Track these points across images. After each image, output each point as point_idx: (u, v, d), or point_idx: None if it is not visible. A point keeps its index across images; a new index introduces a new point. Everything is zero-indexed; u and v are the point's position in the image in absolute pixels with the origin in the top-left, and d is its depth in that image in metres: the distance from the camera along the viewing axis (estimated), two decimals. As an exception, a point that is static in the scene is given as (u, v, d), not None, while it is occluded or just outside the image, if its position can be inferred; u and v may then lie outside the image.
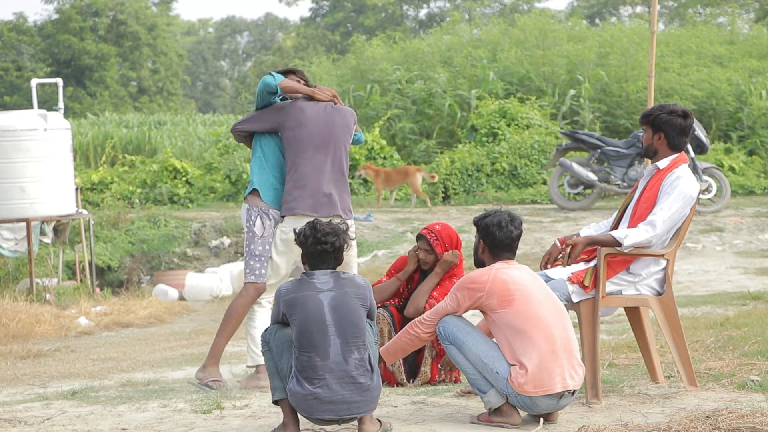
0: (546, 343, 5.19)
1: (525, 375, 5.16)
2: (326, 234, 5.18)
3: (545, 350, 5.18)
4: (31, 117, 13.12)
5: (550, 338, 5.20)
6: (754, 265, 13.19)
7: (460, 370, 5.41)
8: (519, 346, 5.20)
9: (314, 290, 5.12)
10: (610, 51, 22.94)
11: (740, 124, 20.91)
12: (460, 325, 5.37)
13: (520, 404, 5.25)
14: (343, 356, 5.04)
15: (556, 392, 5.19)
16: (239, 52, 63.35)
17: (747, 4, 34.17)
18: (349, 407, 5.05)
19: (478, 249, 5.47)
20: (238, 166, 19.92)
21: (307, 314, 5.07)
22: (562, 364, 5.21)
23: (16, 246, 13.61)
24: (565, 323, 5.30)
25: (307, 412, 5.08)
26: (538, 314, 5.22)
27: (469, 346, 5.31)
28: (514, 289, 5.24)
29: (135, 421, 5.75)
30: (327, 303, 5.09)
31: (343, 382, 5.03)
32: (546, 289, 5.37)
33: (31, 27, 42.28)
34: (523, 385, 5.16)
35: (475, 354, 5.29)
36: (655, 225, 5.75)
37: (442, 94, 22.17)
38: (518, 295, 5.23)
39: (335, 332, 5.05)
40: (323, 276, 5.17)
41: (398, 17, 46.42)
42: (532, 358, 5.17)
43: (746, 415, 4.97)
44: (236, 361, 8.71)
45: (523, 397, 5.21)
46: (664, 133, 5.91)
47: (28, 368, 8.92)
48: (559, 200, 16.75)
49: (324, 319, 5.06)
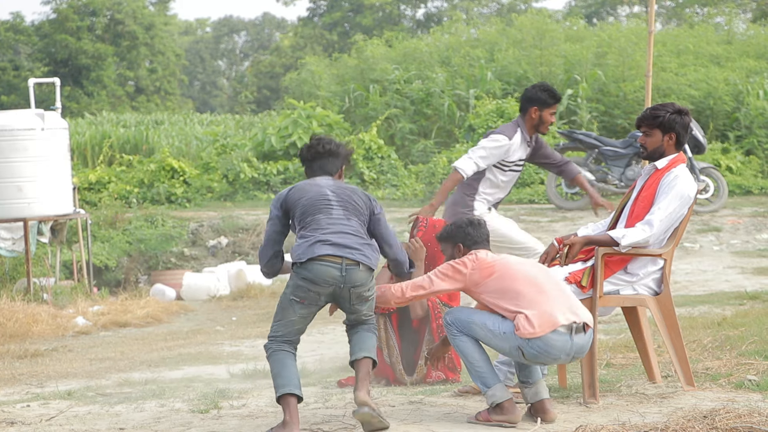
0: (534, 289, 5.31)
1: (527, 319, 5.23)
2: (320, 140, 5.65)
3: (535, 294, 5.29)
4: (28, 116, 13.11)
5: (537, 285, 5.33)
6: (751, 264, 13.19)
7: (468, 364, 5.38)
8: (511, 301, 5.31)
9: (315, 184, 5.53)
10: (608, 51, 22.94)
11: (737, 124, 20.91)
12: (465, 309, 5.51)
13: (536, 353, 5.22)
14: (346, 219, 5.44)
15: (563, 324, 5.21)
16: (237, 51, 63.30)
17: (744, 3, 34.19)
18: (351, 251, 5.35)
19: (454, 257, 5.58)
20: (235, 165, 19.92)
21: (310, 195, 5.49)
22: (560, 301, 5.31)
23: (14, 245, 13.60)
24: (551, 274, 5.47)
25: (307, 255, 5.31)
26: (520, 271, 5.38)
27: (476, 320, 5.37)
28: (493, 262, 5.43)
29: (132, 421, 5.75)
30: (329, 189, 5.52)
31: (343, 234, 5.39)
32: (527, 260, 5.59)
33: (28, 27, 42.22)
34: (529, 327, 5.21)
35: (484, 325, 5.35)
36: (653, 225, 5.75)
37: (440, 93, 22.17)
38: (498, 265, 5.42)
39: (338, 204, 5.47)
40: (323, 180, 5.58)
41: (396, 17, 46.40)
42: (528, 305, 5.26)
43: (743, 415, 4.97)
44: (234, 360, 8.71)
45: (536, 343, 5.21)
46: (675, 134, 5.89)
47: (26, 368, 8.91)
48: (557, 200, 16.74)
49: (327, 196, 5.49)
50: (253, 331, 10.73)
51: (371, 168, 20.38)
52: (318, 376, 7.30)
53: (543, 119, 7.42)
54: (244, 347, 9.57)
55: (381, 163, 20.47)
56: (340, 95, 23.46)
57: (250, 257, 15.91)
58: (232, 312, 12.56)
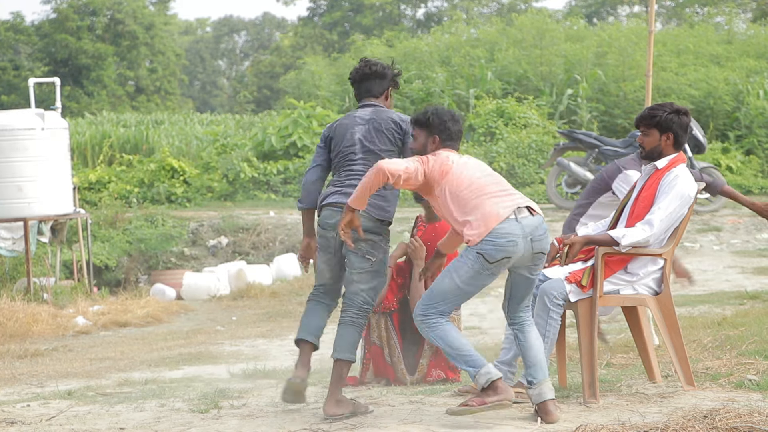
0: (475, 192, 5.34)
1: (471, 226, 5.28)
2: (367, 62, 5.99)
3: (476, 197, 5.32)
4: (28, 116, 13.11)
5: (479, 187, 5.35)
6: (751, 264, 13.19)
7: (452, 351, 5.28)
8: (459, 208, 5.33)
9: (351, 126, 5.87)
10: (608, 50, 22.94)
11: (737, 124, 20.92)
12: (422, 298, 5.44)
13: (493, 249, 5.22)
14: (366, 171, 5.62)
15: (505, 217, 5.25)
16: (237, 51, 63.28)
17: (744, 3, 34.19)
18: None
19: (426, 147, 5.55)
20: (235, 165, 19.92)
21: (343, 144, 5.87)
22: (500, 197, 5.35)
23: (14, 245, 13.60)
24: (492, 172, 5.52)
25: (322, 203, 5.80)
26: (465, 176, 5.39)
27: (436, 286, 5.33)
28: (451, 164, 5.42)
29: (132, 421, 5.75)
30: (360, 134, 5.83)
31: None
32: (472, 161, 5.53)
33: (29, 26, 42.21)
34: (476, 230, 5.26)
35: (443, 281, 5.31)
36: (653, 224, 5.75)
37: (440, 93, 22.17)
38: (454, 168, 5.40)
39: (361, 158, 5.80)
40: (361, 115, 5.89)
41: (396, 17, 46.39)
42: (471, 211, 5.30)
43: (743, 415, 4.97)
44: (234, 360, 8.71)
45: (487, 240, 5.22)
46: (673, 134, 5.89)
47: (26, 368, 8.91)
48: (557, 200, 16.74)
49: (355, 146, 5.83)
50: (253, 330, 10.73)
51: (371, 168, 20.38)
52: (318, 375, 7.30)
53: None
54: (245, 347, 9.57)
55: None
56: (340, 95, 23.47)
57: (250, 257, 15.92)
58: (233, 312, 12.56)
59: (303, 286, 13.27)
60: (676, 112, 5.90)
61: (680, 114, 5.90)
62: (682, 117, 5.90)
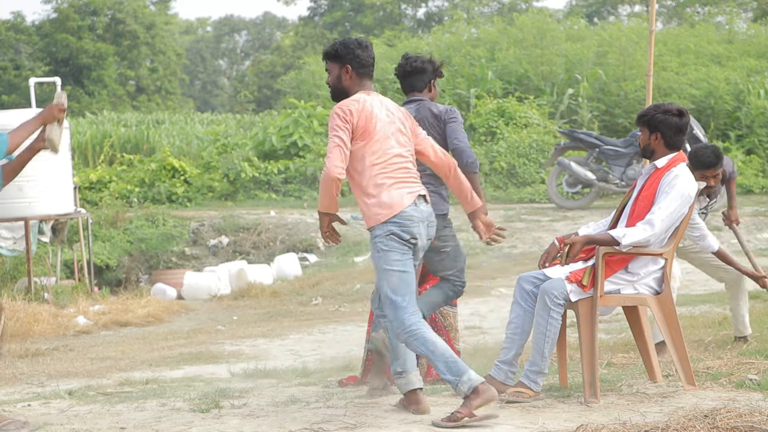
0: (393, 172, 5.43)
1: (380, 206, 5.40)
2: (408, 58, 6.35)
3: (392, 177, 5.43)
4: (29, 116, 13.10)
5: (395, 168, 5.45)
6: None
7: (431, 354, 5.27)
8: (370, 180, 5.42)
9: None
10: (609, 50, 22.95)
11: (738, 124, 20.92)
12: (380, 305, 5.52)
13: (399, 229, 5.36)
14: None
15: (410, 203, 5.41)
16: (237, 51, 63.31)
17: (745, 3, 34.19)
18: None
19: (341, 78, 5.56)
20: (236, 165, 19.92)
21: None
22: (410, 183, 5.47)
23: (15, 245, 13.60)
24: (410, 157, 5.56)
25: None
26: (380, 149, 5.44)
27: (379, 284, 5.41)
28: (375, 125, 5.45)
29: (133, 420, 5.75)
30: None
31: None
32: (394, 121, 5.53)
33: (29, 26, 42.22)
34: (386, 210, 5.39)
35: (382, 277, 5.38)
36: (654, 224, 5.75)
37: (441, 93, 22.17)
38: (374, 132, 5.44)
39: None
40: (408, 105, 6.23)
41: (396, 16, 46.40)
42: (383, 190, 5.41)
43: (744, 414, 4.97)
44: (235, 360, 8.71)
45: (394, 224, 5.38)
46: (660, 133, 5.93)
47: (27, 367, 8.91)
48: (558, 199, 16.74)
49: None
50: (254, 330, 10.73)
51: (372, 167, 20.38)
52: (319, 375, 7.30)
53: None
54: (245, 346, 9.58)
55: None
56: (341, 94, 23.45)
57: (251, 256, 15.93)
58: (233, 311, 12.56)
59: (303, 285, 13.28)
60: (664, 111, 5.92)
61: (669, 114, 5.91)
62: (670, 117, 5.91)
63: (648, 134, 5.97)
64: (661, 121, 5.92)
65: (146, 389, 6.93)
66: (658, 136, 5.94)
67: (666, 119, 5.92)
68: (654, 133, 5.94)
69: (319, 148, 20.57)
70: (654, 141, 5.95)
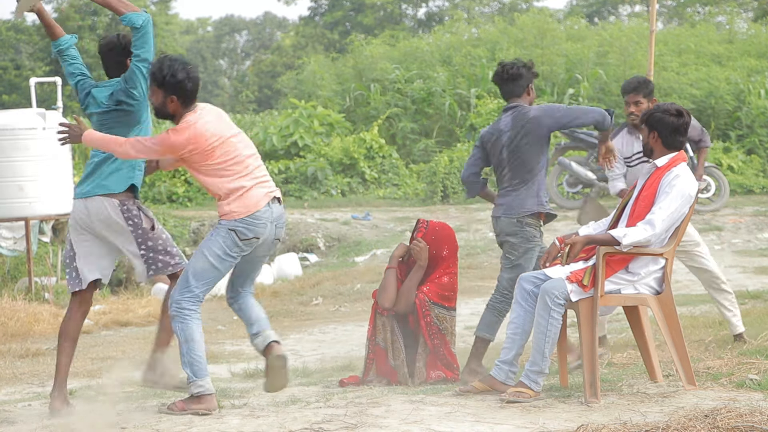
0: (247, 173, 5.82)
1: (232, 202, 5.76)
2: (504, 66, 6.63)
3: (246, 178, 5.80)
4: (29, 116, 13.11)
5: (249, 169, 5.84)
6: (752, 264, 13.18)
7: (186, 348, 5.81)
8: (224, 180, 5.78)
9: (498, 137, 6.57)
10: (609, 50, 22.94)
11: (739, 123, 20.91)
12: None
13: (245, 228, 5.78)
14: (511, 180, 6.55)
15: (265, 204, 5.81)
16: (238, 51, 63.27)
17: (746, 3, 34.17)
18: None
19: (165, 105, 5.85)
20: (236, 165, 19.90)
21: (493, 158, 6.64)
22: (264, 184, 5.87)
23: (15, 245, 13.60)
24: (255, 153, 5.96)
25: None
26: (242, 156, 5.85)
27: (189, 268, 5.90)
28: (213, 141, 5.79)
29: (134, 420, 5.75)
30: (505, 145, 6.54)
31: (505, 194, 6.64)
32: (231, 128, 5.98)
33: (30, 26, 42.22)
34: (236, 209, 5.76)
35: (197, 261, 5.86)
36: (654, 224, 5.75)
37: (442, 93, 22.17)
38: (217, 146, 5.79)
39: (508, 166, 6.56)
40: (505, 121, 6.56)
41: (397, 16, 46.38)
42: (237, 190, 5.77)
43: (745, 414, 4.97)
44: (235, 360, 8.71)
45: (244, 220, 5.77)
46: (657, 132, 5.95)
47: (27, 367, 8.91)
48: (558, 199, 16.74)
49: (503, 158, 6.57)
50: (254, 330, 10.71)
51: (372, 167, 20.38)
52: (319, 375, 7.30)
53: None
54: (246, 346, 9.56)
55: (382, 163, 20.47)
56: (341, 94, 23.46)
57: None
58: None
59: (304, 285, 13.27)
60: (663, 111, 5.94)
61: (668, 114, 5.92)
62: (668, 117, 5.92)
63: (647, 133, 5.99)
64: (659, 120, 5.94)
65: (146, 389, 6.93)
66: (655, 134, 5.96)
67: (663, 118, 5.93)
68: (652, 132, 5.96)
69: (320, 148, 20.57)
70: (652, 140, 5.97)
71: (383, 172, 20.31)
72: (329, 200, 19.42)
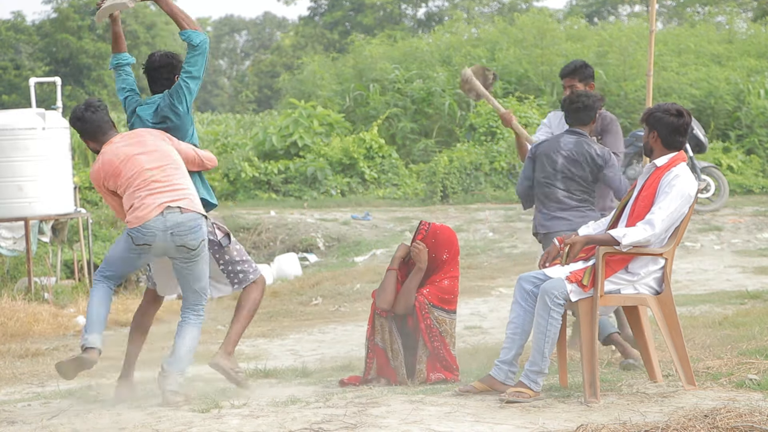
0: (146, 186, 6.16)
1: (132, 212, 6.15)
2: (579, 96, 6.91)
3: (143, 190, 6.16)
4: (29, 116, 13.11)
5: (148, 183, 6.17)
6: (752, 264, 13.19)
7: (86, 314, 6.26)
8: (130, 194, 6.18)
9: (552, 156, 6.92)
10: (609, 50, 22.94)
11: (738, 123, 20.92)
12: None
13: (139, 234, 6.15)
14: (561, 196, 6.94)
15: (156, 214, 6.11)
16: (237, 51, 63.27)
17: (745, 3, 34.18)
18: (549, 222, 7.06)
19: (88, 144, 6.37)
20: (236, 165, 19.92)
21: (543, 172, 6.98)
22: (161, 194, 6.15)
23: (15, 245, 13.60)
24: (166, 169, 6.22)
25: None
26: (141, 171, 6.17)
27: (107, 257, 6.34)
28: (118, 163, 6.21)
29: (133, 420, 5.75)
30: (560, 163, 6.89)
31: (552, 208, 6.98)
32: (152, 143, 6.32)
33: (29, 26, 42.21)
34: (133, 219, 6.14)
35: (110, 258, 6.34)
36: (654, 224, 5.75)
37: (441, 93, 22.17)
38: (122, 167, 6.20)
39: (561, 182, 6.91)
40: (566, 142, 6.90)
41: (397, 16, 46.38)
42: (136, 202, 6.15)
43: (744, 414, 4.97)
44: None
45: (136, 229, 6.14)
46: (656, 131, 5.95)
47: (27, 367, 8.91)
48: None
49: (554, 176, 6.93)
50: (254, 330, 10.72)
51: (372, 167, 20.39)
52: (319, 375, 7.30)
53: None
54: (245, 346, 9.57)
55: (382, 163, 20.47)
56: (341, 94, 23.46)
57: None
58: (233, 311, 12.53)
59: (304, 285, 13.26)
60: (663, 111, 5.94)
61: (667, 113, 5.92)
62: (667, 116, 5.92)
63: (647, 132, 5.99)
64: (658, 120, 5.94)
65: (146, 389, 6.93)
66: (655, 134, 5.96)
67: (662, 118, 5.92)
68: (652, 131, 5.97)
69: (320, 148, 20.57)
70: (652, 139, 5.97)
71: (383, 172, 20.31)
72: (329, 200, 19.43)
